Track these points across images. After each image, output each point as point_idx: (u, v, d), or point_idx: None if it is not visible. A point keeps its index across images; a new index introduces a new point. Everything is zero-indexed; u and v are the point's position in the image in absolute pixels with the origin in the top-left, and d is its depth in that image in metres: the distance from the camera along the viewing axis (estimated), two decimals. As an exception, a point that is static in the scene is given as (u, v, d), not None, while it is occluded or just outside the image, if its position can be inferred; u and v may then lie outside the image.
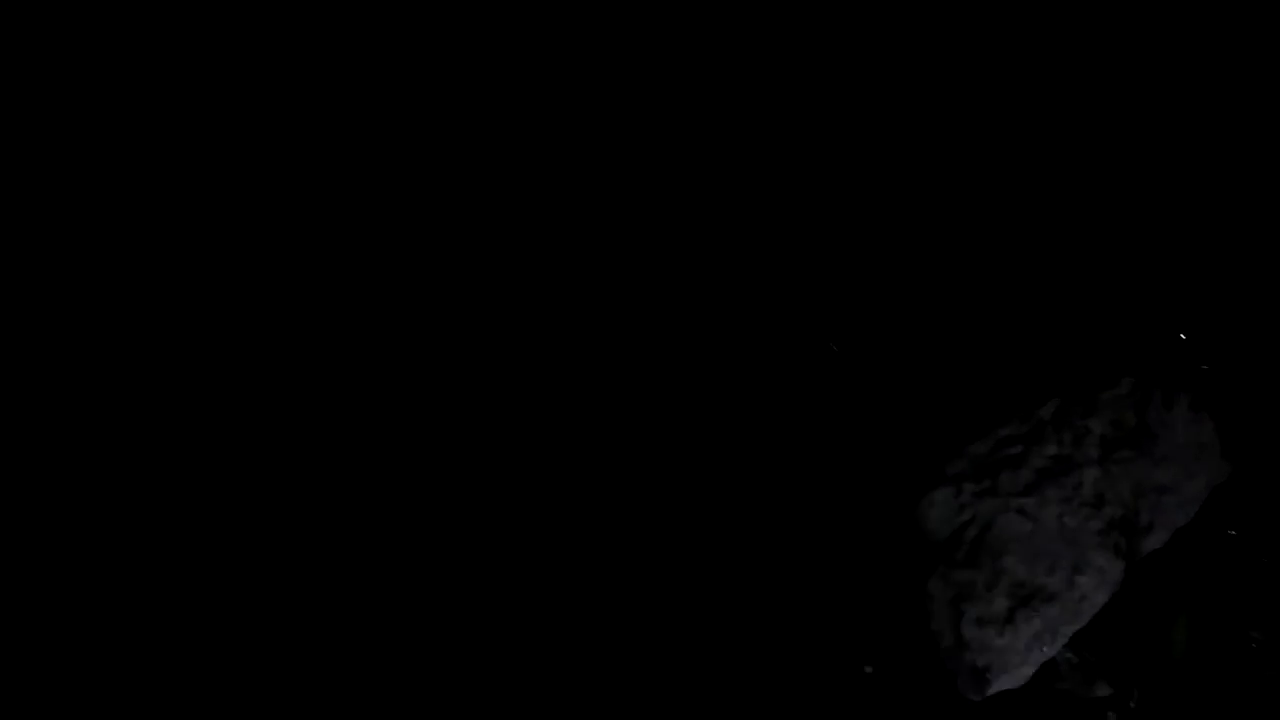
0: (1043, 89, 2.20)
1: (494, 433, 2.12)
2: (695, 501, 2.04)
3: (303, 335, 2.19)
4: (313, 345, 2.19)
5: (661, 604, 1.97)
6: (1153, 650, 1.92)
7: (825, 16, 2.27)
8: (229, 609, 2.02)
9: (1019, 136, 2.19)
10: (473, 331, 2.19)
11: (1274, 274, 2.08)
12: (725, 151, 2.25)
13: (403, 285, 2.23)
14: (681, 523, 2.03)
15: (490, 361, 2.17)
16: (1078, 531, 1.93)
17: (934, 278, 2.17)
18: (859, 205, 2.22)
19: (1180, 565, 1.97)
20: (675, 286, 2.21)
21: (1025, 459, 1.99)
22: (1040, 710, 1.87)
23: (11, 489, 2.08)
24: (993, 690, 1.84)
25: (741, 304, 2.18)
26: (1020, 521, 1.94)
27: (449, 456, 2.10)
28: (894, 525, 1.96)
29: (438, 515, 2.07)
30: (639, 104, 2.29)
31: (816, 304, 2.17)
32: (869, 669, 1.88)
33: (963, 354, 2.13)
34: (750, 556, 1.99)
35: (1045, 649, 1.86)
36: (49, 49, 2.28)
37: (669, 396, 2.14)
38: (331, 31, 2.31)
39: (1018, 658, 1.85)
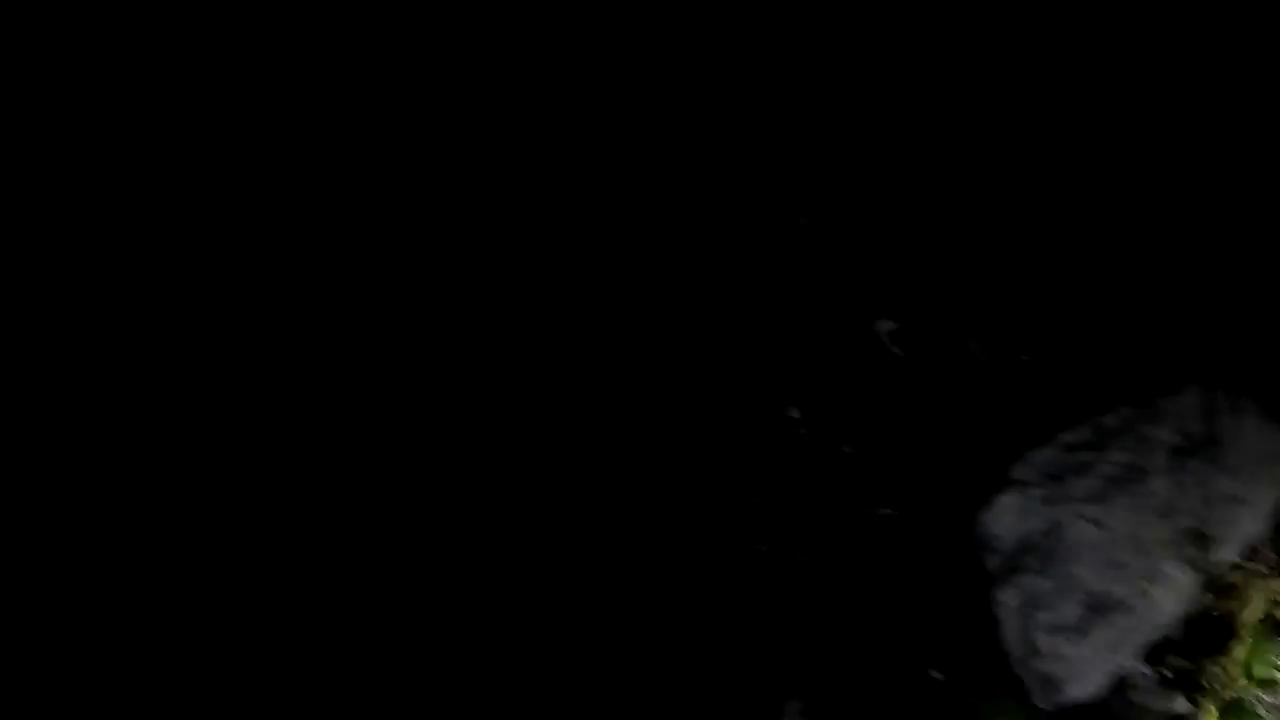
0: (1118, 99, 2.19)
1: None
2: (763, 506, 2.01)
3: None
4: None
5: (727, 608, 1.94)
6: (1227, 664, 1.87)
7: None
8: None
9: (1087, 143, 2.19)
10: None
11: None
12: (799, 146, 2.25)
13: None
14: (749, 527, 2.00)
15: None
16: (1149, 541, 1.89)
17: (996, 282, 2.15)
18: (924, 208, 2.21)
19: (1253, 576, 1.92)
20: (732, 282, 2.20)
21: (1093, 466, 1.96)
22: (1113, 722, 1.81)
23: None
24: (1064, 699, 1.79)
25: (808, 307, 2.17)
26: (1090, 529, 1.90)
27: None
28: (959, 529, 1.93)
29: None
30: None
31: (881, 307, 2.15)
32: (938, 675, 1.83)
33: (1025, 359, 2.10)
34: (818, 561, 1.96)
35: (1118, 659, 1.81)
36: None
37: (728, 398, 2.12)
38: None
39: (1090, 667, 1.80)
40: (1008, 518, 1.92)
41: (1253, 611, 1.91)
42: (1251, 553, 1.95)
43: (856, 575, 1.94)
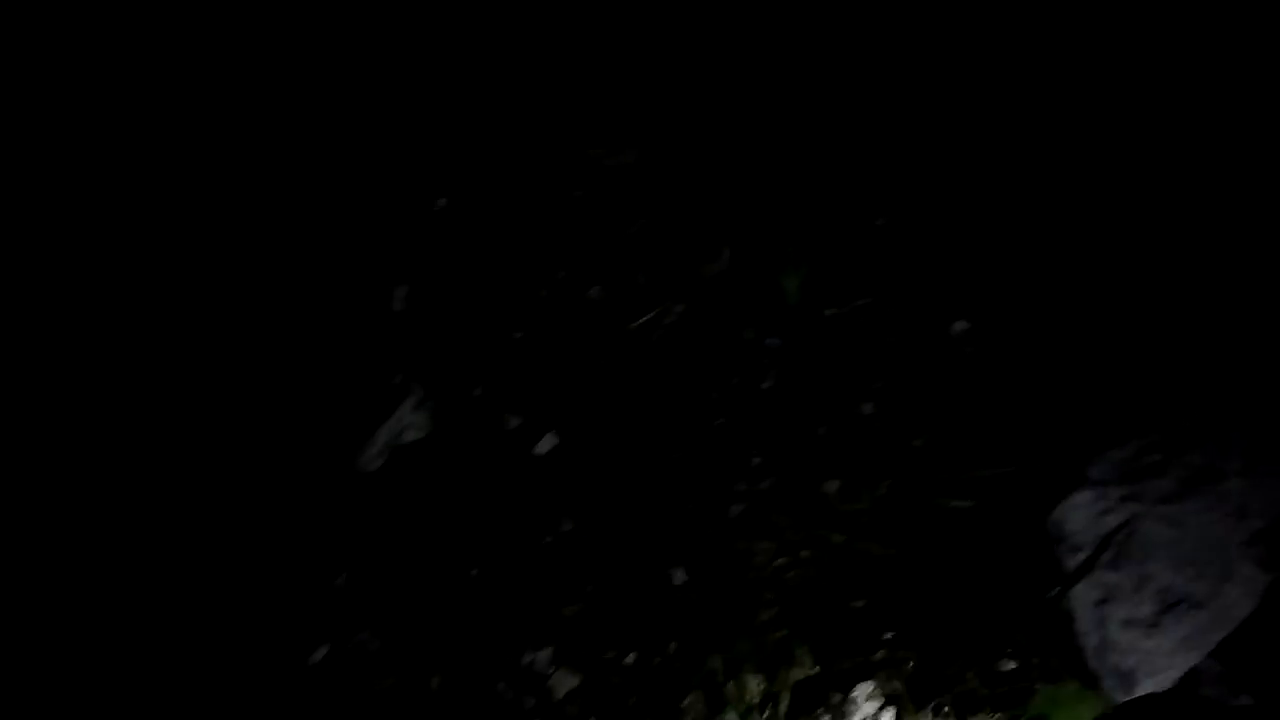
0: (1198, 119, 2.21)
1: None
2: (836, 497, 2.07)
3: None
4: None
5: (799, 595, 2.00)
6: (1298, 663, 1.90)
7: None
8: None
9: (1175, 158, 2.21)
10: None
11: None
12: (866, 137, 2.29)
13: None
14: (821, 518, 2.06)
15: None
16: (1223, 540, 1.93)
17: (1074, 285, 2.19)
18: (1001, 209, 2.24)
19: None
20: (806, 280, 2.25)
21: (1168, 466, 1.99)
22: (1183, 715, 1.86)
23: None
24: (1138, 691, 1.84)
25: (882, 307, 2.22)
26: (1165, 528, 1.94)
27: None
28: (1035, 525, 1.97)
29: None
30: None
31: (957, 308, 2.20)
32: (1012, 665, 1.88)
33: (1100, 360, 2.13)
34: (892, 552, 2.01)
35: (1190, 654, 1.85)
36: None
37: (803, 391, 2.18)
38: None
39: (1164, 661, 1.84)
40: (1083, 515, 1.96)
41: (1325, 612, 1.94)
42: (1325, 554, 1.97)
43: (930, 566, 1.99)
